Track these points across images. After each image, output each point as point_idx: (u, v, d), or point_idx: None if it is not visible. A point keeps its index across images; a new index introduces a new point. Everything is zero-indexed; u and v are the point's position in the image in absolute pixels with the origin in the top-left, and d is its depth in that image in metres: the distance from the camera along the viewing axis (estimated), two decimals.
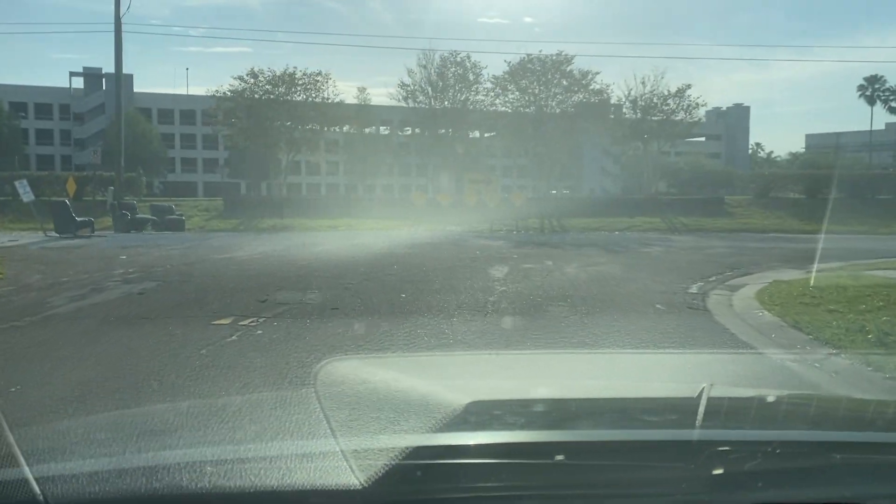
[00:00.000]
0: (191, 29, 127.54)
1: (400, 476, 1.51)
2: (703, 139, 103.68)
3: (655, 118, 41.03)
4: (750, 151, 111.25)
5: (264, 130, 43.12)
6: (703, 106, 43.62)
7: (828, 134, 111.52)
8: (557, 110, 44.16)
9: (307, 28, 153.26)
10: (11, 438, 1.71)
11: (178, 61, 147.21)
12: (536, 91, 44.04)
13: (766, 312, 9.77)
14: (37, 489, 1.47)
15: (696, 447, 1.59)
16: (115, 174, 36.81)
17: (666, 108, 40.92)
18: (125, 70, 37.93)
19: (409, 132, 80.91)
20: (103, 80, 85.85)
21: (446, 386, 2.24)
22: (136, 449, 1.77)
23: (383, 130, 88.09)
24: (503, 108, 46.44)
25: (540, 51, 44.51)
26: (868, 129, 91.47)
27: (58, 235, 23.44)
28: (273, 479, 1.51)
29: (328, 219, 32.52)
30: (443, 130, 48.45)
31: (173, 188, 77.84)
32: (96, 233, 24.99)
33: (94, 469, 1.57)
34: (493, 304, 10.01)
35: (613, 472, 1.58)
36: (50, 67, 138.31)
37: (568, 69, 43.55)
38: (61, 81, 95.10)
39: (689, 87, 41.87)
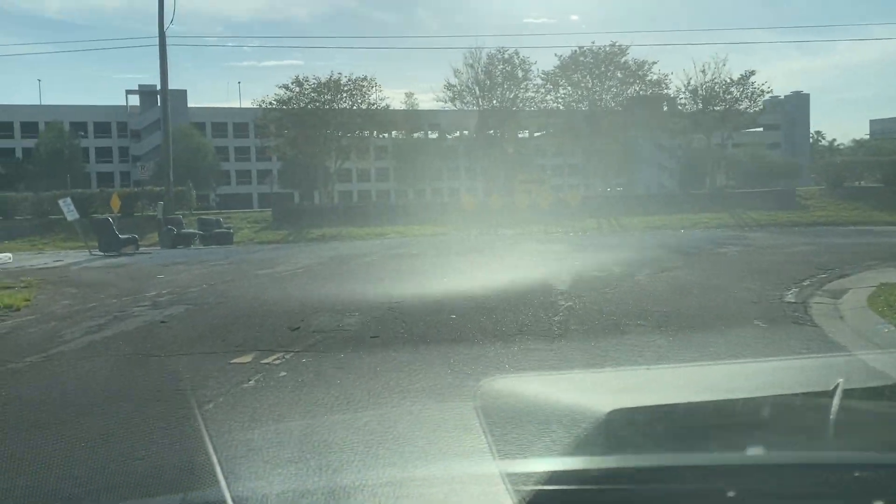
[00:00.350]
0: (236, 42, 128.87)
1: (556, 501, 1.54)
2: (760, 129, 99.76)
3: (717, 108, 38.60)
4: (810, 140, 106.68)
5: (311, 139, 42.30)
6: (768, 93, 40.96)
7: (894, 119, 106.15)
8: (612, 104, 42.04)
9: (360, 45, 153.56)
10: (215, 458, 1.78)
11: (231, 76, 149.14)
12: (589, 85, 42.07)
13: (893, 327, 8.04)
14: None
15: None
16: (164, 188, 36.36)
17: (728, 96, 38.39)
18: (179, 86, 38.15)
19: (458, 135, 79.74)
20: (158, 97, 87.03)
21: (602, 403, 2.10)
22: (318, 467, 1.86)
23: (431, 135, 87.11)
24: (554, 105, 44.55)
25: (592, 42, 42.66)
26: None
27: (102, 254, 22.74)
28: (436, 501, 1.58)
29: (377, 226, 31.35)
30: (491, 131, 46.90)
31: (229, 200, 78.24)
32: (141, 249, 24.25)
33: (282, 489, 1.67)
34: (559, 325, 8.47)
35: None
36: (108, 87, 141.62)
37: (622, 60, 41.48)
38: (119, 100, 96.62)
39: (752, 73, 39.20)
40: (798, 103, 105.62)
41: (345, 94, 42.72)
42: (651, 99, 42.25)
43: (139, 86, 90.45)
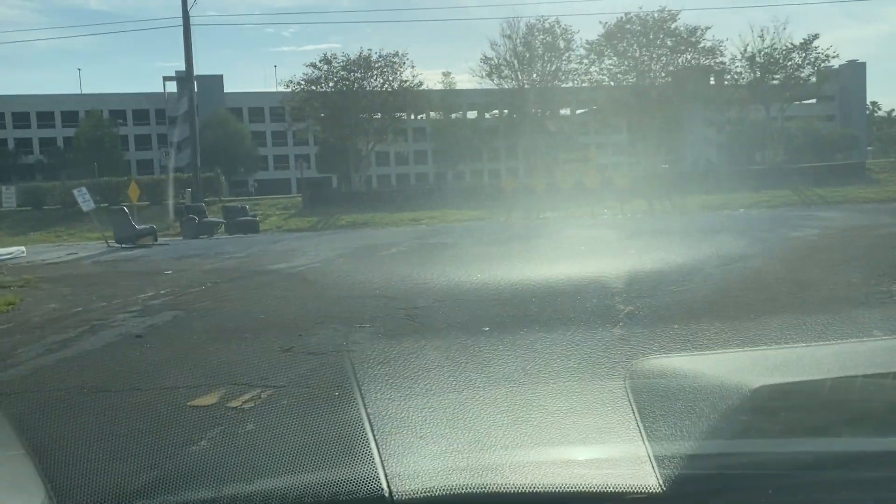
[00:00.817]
0: (260, 21, 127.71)
1: (702, 484, 1.55)
2: (814, 101, 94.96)
3: (777, 76, 35.66)
4: (867, 112, 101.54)
5: (341, 120, 40.63)
6: (833, 57, 37.64)
7: None
8: (662, 74, 39.16)
9: (392, 18, 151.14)
10: (371, 435, 1.88)
11: (269, 61, 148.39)
12: (637, 55, 39.19)
13: None
14: (386, 486, 1.63)
15: None
16: (192, 175, 35.12)
17: (790, 62, 35.36)
18: (215, 71, 36.77)
19: (497, 113, 77.19)
20: (194, 83, 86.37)
21: (748, 382, 2.06)
22: (461, 446, 2.01)
23: (470, 115, 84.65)
24: (599, 77, 41.73)
25: (640, 8, 39.84)
26: None
27: (118, 245, 21.38)
28: (573, 479, 1.64)
29: (411, 211, 29.57)
30: (533, 110, 44.52)
31: (267, 186, 77.30)
32: (161, 240, 22.87)
33: (435, 468, 1.80)
34: (619, 339, 6.57)
35: None
36: (147, 75, 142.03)
37: (672, 27, 38.38)
38: (157, 87, 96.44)
39: (816, 36, 35.82)
40: (853, 73, 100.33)
41: (376, 72, 40.86)
42: (700, 70, 39.34)
43: (176, 72, 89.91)
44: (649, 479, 1.53)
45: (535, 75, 41.89)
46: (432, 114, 79.64)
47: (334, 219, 29.25)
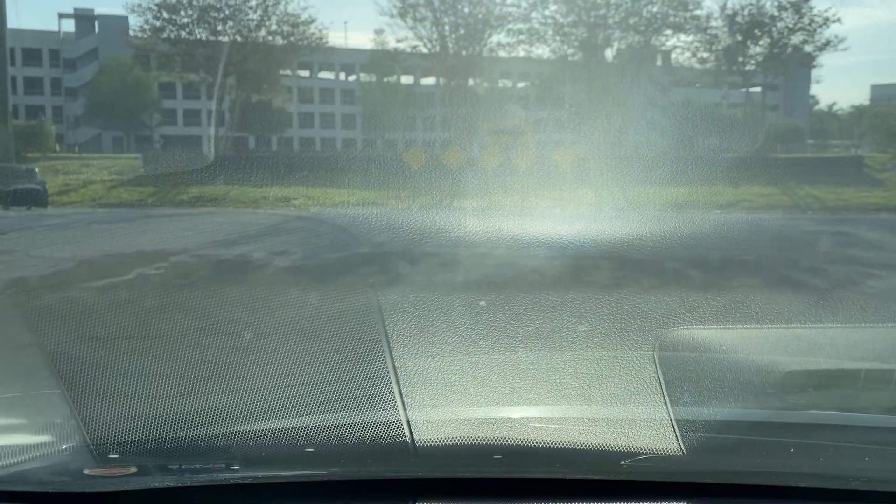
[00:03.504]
0: None
1: (719, 448, 1.58)
2: (759, 89, 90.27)
3: (761, 43, 28.99)
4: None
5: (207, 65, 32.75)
6: (834, 22, 30.76)
7: None
8: (616, 32, 31.72)
9: None
10: (396, 388, 1.84)
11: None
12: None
13: None
14: (407, 432, 1.66)
15: None
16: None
17: (780, 24, 28.60)
18: (122, 10, 28.76)
19: (435, 82, 69.88)
20: (96, 22, 75.73)
21: (777, 362, 2.17)
22: (482, 399, 2.01)
23: (406, 80, 76.87)
24: (541, 27, 34.08)
25: None
26: None
27: None
28: (594, 437, 1.66)
29: (288, 186, 21.81)
30: (465, 75, 37.47)
31: (175, 143, 68.24)
32: None
33: (455, 417, 1.85)
34: None
35: None
36: (40, 11, 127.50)
37: None
38: (51, 25, 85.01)
39: None
40: (800, 62, 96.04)
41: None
42: (649, 49, 32.76)
43: (74, 9, 78.84)
44: (670, 442, 1.53)
45: (459, 22, 33.98)
46: (363, 76, 72.53)
47: (177, 191, 21.28)
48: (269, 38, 34.50)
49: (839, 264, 9.20)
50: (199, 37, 33.43)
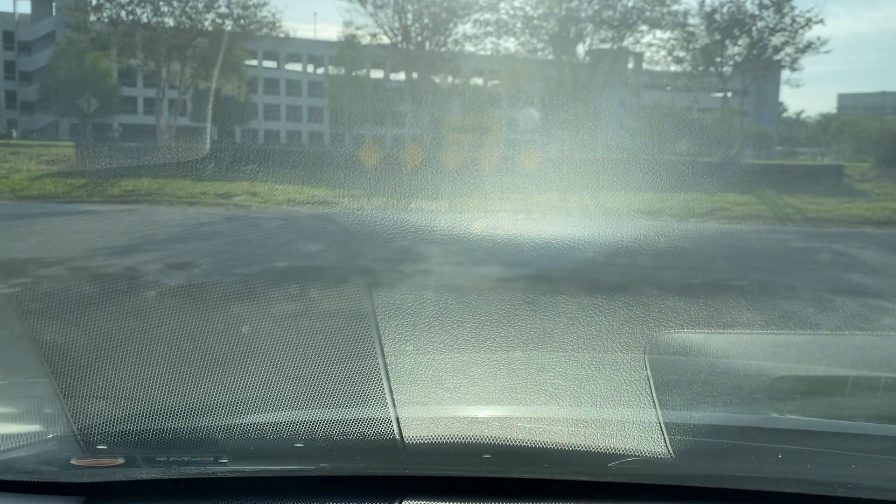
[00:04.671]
0: None
1: (708, 452, 1.59)
2: (728, 94, 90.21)
3: (740, 43, 27.77)
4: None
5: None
6: (817, 22, 29.54)
7: (865, 94, 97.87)
8: (590, 25, 30.37)
9: None
10: (387, 385, 1.83)
11: None
12: None
13: None
14: (396, 430, 1.64)
15: None
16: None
17: (761, 23, 27.35)
18: None
19: (404, 77, 68.19)
20: (53, 4, 72.59)
21: (769, 367, 2.20)
22: (467, 398, 1.98)
23: (376, 74, 75.05)
24: (510, 19, 32.66)
25: None
26: None
27: None
28: (582, 439, 1.65)
29: (233, 181, 19.96)
30: (434, 72, 35.99)
31: (134, 132, 65.73)
32: None
33: (442, 415, 1.84)
34: None
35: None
36: None
37: None
38: (5, 6, 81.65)
39: None
40: (768, 69, 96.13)
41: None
42: (621, 52, 31.66)
43: None
44: (658, 444, 1.52)
45: (423, 9, 32.24)
46: (332, 68, 71.15)
47: (110, 183, 19.31)
48: (219, 20, 32.51)
49: (844, 295, 7.73)
50: (140, 18, 31.33)
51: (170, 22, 31.93)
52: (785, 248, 12.22)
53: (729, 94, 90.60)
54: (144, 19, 31.82)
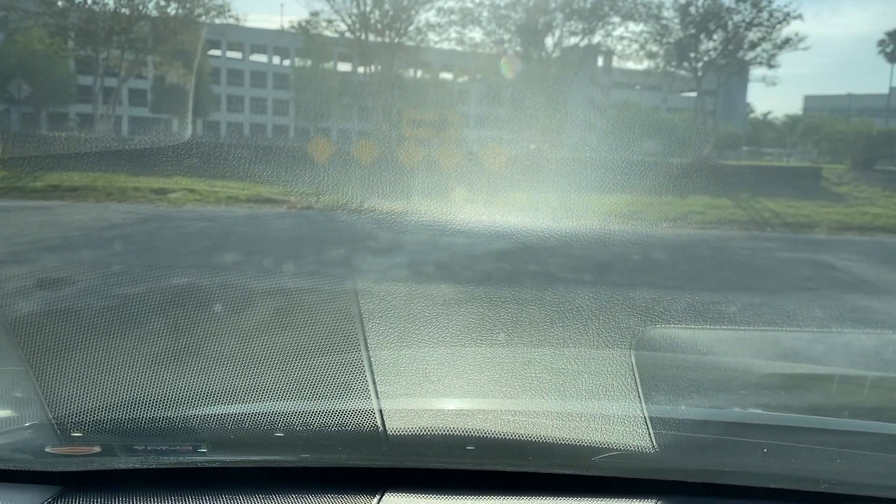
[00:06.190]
0: None
1: (692, 447, 1.57)
2: (694, 94, 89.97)
3: (715, 38, 26.61)
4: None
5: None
6: (795, 18, 28.54)
7: (831, 96, 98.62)
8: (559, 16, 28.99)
9: None
10: (371, 378, 1.81)
11: None
12: None
13: None
14: (379, 421, 1.59)
15: None
16: None
17: (737, 17, 26.19)
18: None
19: (370, 70, 66.56)
20: None
21: (755, 365, 2.17)
22: (445, 388, 1.99)
23: (343, 67, 73.35)
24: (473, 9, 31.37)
25: None
26: (880, 91, 78.89)
27: None
28: (567, 432, 1.60)
29: (171, 176, 18.26)
30: (400, 64, 34.76)
31: (92, 122, 63.18)
32: None
33: (429, 407, 1.81)
34: None
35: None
36: None
37: None
38: None
39: None
40: (737, 69, 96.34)
41: None
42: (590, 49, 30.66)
43: None
44: (643, 438, 1.51)
45: (387, 6, 30.90)
46: (297, 60, 69.50)
47: (34, 177, 17.49)
48: (163, 2, 30.72)
49: (855, 325, 6.44)
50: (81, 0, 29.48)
51: (110, 4, 30.10)
52: (770, 260, 10.98)
53: (695, 94, 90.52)
54: (85, 2, 29.96)
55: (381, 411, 1.64)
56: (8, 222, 10.92)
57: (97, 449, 1.62)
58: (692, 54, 27.19)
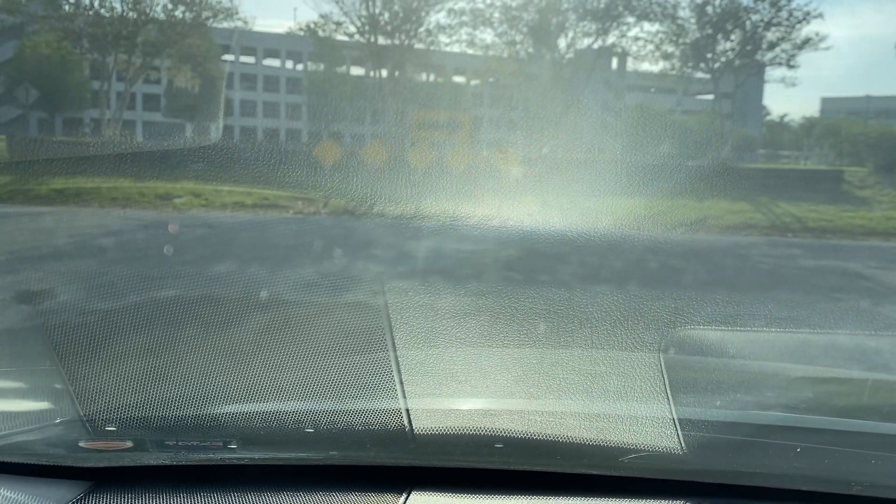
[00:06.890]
0: None
1: (721, 449, 1.56)
2: (710, 96, 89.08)
3: (733, 38, 26.02)
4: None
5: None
6: (815, 17, 27.88)
7: (849, 98, 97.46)
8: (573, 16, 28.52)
9: None
10: (398, 377, 1.82)
11: None
12: None
13: None
14: (406, 420, 1.62)
15: None
16: None
17: (755, 16, 25.64)
18: None
19: (384, 74, 66.50)
20: None
21: (784, 368, 2.17)
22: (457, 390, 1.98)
23: (356, 71, 73.40)
24: (486, 10, 31.04)
25: None
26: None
27: None
28: (595, 433, 1.58)
29: (177, 181, 17.97)
30: (413, 68, 34.60)
31: (103, 127, 63.52)
32: None
33: (451, 407, 1.80)
34: None
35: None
36: None
37: None
38: None
39: None
40: (754, 71, 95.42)
41: None
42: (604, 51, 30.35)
43: None
44: (671, 440, 1.49)
45: (397, 8, 30.72)
46: (310, 64, 69.86)
47: (39, 182, 17.26)
48: (171, 6, 30.65)
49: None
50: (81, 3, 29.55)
51: (117, 8, 30.11)
52: (795, 268, 10.46)
53: (712, 97, 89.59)
54: (91, 6, 30.00)
55: (407, 410, 1.66)
56: (43, 225, 10.64)
57: (129, 444, 1.64)
58: (709, 55, 26.59)
